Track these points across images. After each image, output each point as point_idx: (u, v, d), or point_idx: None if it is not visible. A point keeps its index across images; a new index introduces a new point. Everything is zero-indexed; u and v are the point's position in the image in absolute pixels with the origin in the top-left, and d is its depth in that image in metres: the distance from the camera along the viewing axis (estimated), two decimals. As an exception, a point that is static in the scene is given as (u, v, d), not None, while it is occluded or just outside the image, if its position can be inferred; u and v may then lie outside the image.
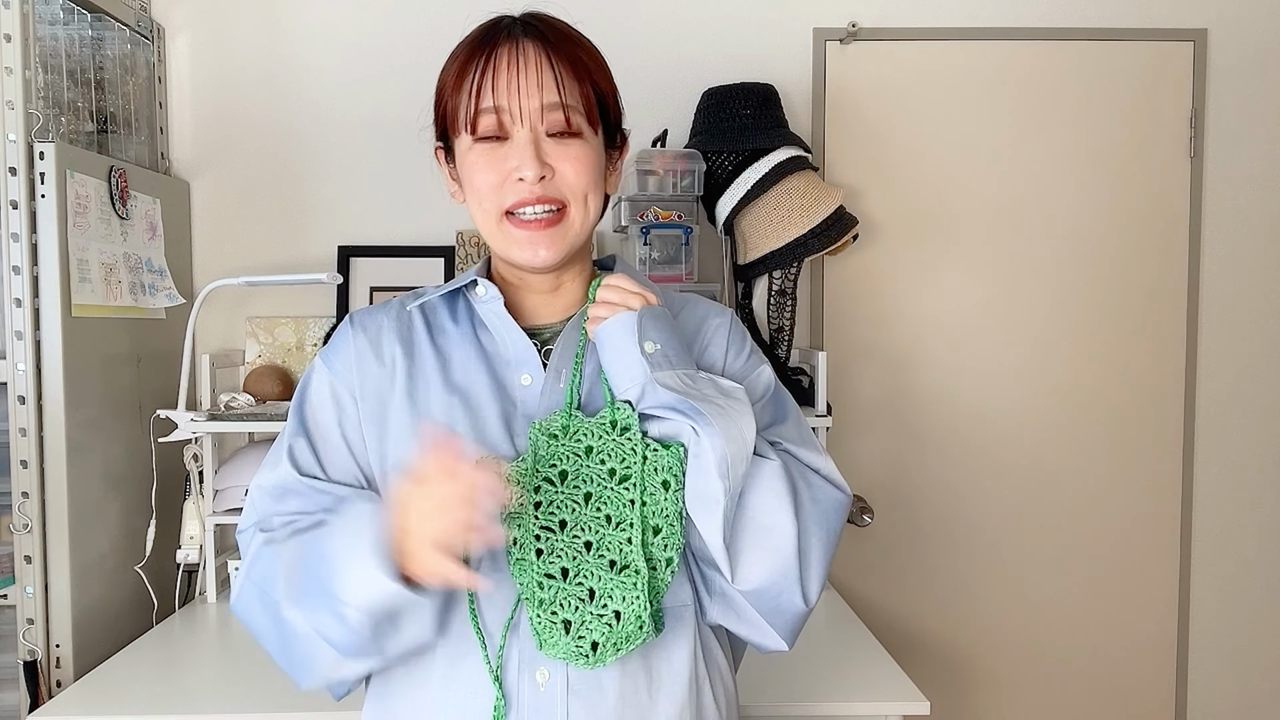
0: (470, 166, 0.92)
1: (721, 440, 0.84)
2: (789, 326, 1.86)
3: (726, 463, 0.84)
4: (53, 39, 1.62)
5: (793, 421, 1.00)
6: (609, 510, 0.88)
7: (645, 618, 0.84)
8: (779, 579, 0.89)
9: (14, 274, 1.49)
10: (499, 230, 0.92)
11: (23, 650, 1.52)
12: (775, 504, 0.89)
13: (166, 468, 1.81)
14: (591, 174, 0.92)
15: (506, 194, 0.90)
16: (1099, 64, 2.05)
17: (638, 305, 0.91)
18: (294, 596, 0.86)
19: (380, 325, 0.98)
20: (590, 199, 0.93)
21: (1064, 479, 2.10)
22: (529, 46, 0.89)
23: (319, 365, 0.99)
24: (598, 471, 0.88)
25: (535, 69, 0.89)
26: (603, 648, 0.84)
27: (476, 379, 0.94)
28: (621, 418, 0.90)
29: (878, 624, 2.06)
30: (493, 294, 0.96)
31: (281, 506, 0.94)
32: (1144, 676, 2.12)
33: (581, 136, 0.91)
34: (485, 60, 0.89)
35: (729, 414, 0.87)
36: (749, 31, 2.04)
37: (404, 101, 2.01)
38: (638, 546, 0.86)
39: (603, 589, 0.85)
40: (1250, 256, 2.09)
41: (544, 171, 0.89)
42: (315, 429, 0.96)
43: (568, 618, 0.84)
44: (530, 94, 0.88)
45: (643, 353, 0.88)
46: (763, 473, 0.89)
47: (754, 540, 0.88)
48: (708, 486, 0.86)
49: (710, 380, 0.92)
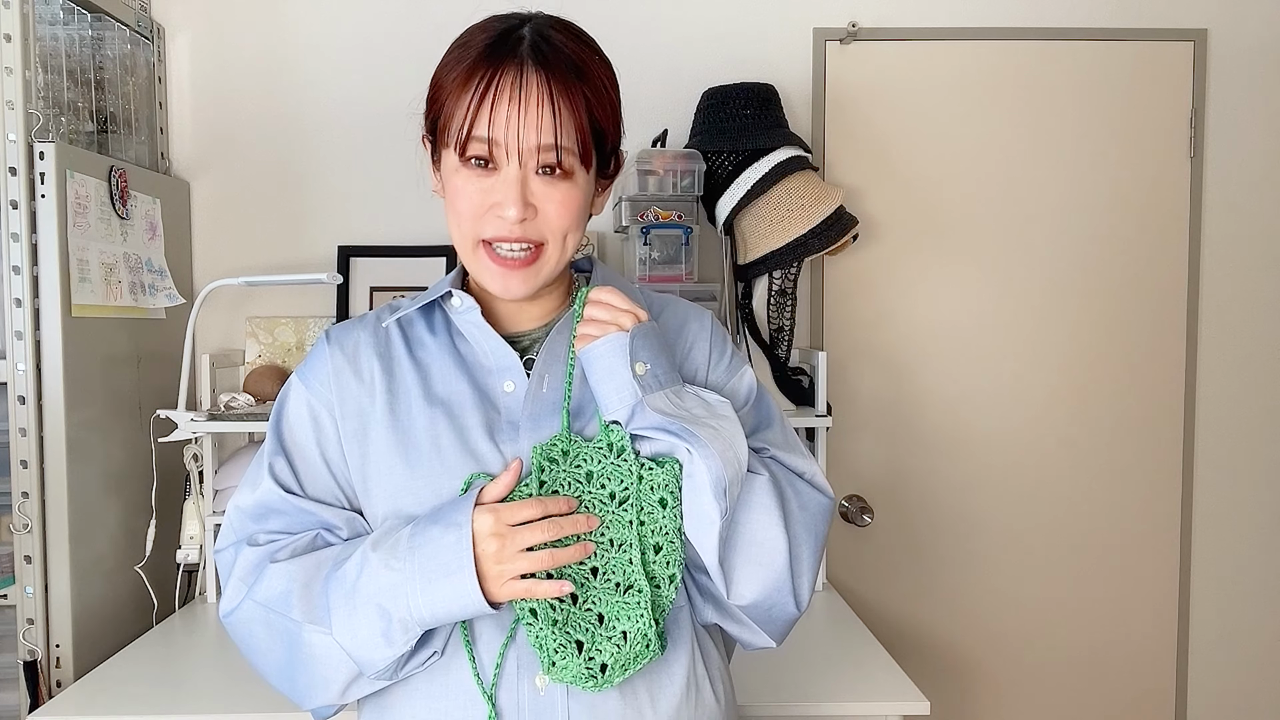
0: (455, 189, 0.90)
1: (719, 463, 0.84)
2: (789, 326, 1.86)
3: (723, 484, 0.84)
4: (53, 39, 1.62)
5: (777, 426, 1.00)
6: (611, 534, 0.88)
7: (651, 636, 0.85)
8: (772, 592, 0.90)
9: (14, 274, 1.49)
10: (474, 255, 0.91)
11: (23, 650, 1.52)
12: (766, 519, 0.89)
13: (166, 468, 1.81)
14: (575, 215, 0.90)
15: (486, 225, 0.89)
16: (1099, 64, 2.05)
17: (629, 324, 0.89)
18: (321, 618, 0.86)
19: (357, 341, 0.97)
20: (570, 238, 0.91)
21: (1064, 478, 2.10)
22: (533, 79, 0.85)
23: (295, 384, 0.98)
24: (599, 497, 0.89)
25: (535, 106, 0.85)
26: (611, 669, 0.84)
27: (458, 389, 0.93)
28: (616, 440, 0.90)
29: (878, 624, 2.06)
30: (469, 304, 0.94)
31: (264, 525, 0.94)
32: (1144, 676, 2.12)
33: (571, 178, 0.89)
34: (486, 85, 0.85)
35: (722, 435, 0.87)
36: (749, 31, 2.04)
37: (404, 101, 2.00)
38: (638, 566, 0.86)
39: (610, 612, 0.86)
40: (1250, 256, 2.09)
41: (526, 213, 0.87)
42: (293, 448, 0.95)
43: (581, 639, 0.84)
44: (526, 133, 0.85)
45: (634, 375, 0.87)
46: (753, 488, 0.89)
47: (747, 556, 0.89)
48: (704, 507, 0.86)
49: (696, 396, 0.92)
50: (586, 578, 0.87)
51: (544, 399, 0.92)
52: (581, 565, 0.87)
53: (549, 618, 0.84)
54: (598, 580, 0.87)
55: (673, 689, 0.90)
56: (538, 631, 0.84)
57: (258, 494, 0.95)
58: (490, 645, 0.88)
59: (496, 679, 0.87)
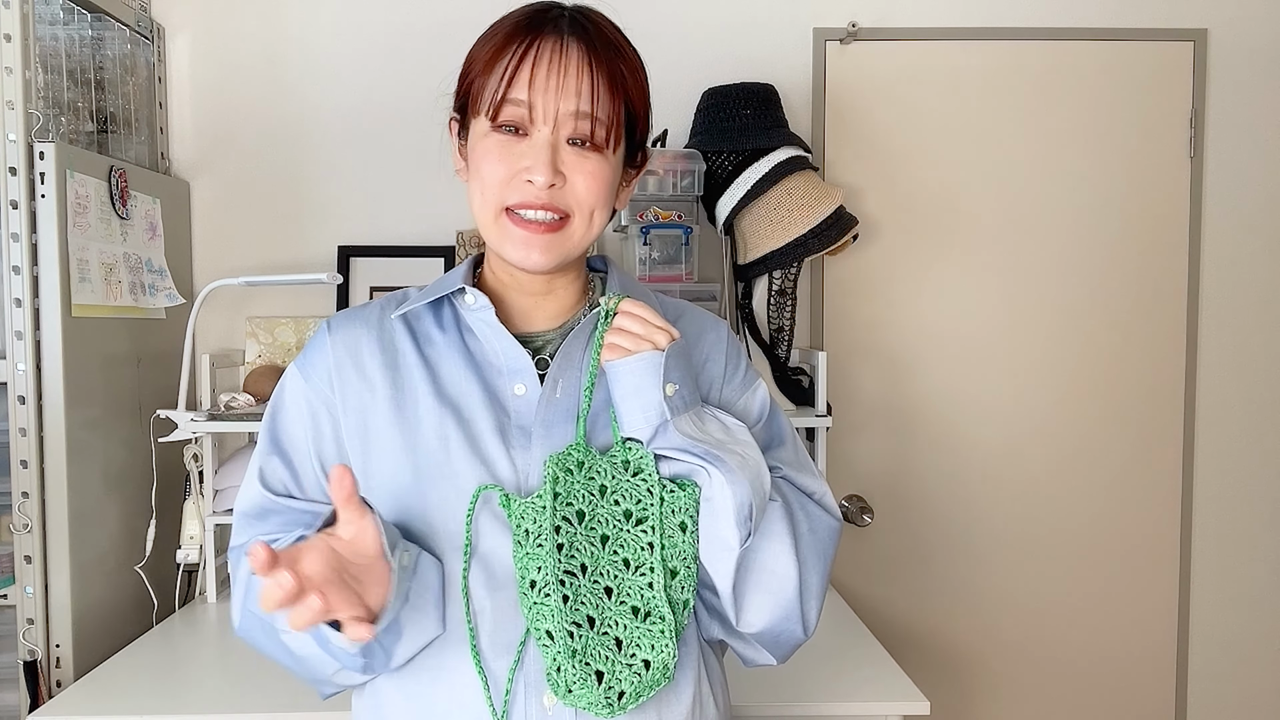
0: (482, 153, 0.88)
1: (747, 489, 0.83)
2: (789, 326, 1.86)
3: (746, 511, 0.83)
4: (53, 39, 1.62)
5: (790, 444, 0.99)
6: (626, 554, 0.85)
7: (672, 666, 0.82)
8: (781, 620, 0.89)
9: (14, 274, 1.49)
10: (496, 224, 0.88)
11: (23, 650, 1.52)
12: (779, 547, 0.88)
13: (166, 468, 1.81)
14: (603, 191, 0.88)
15: (512, 191, 0.86)
16: (1099, 64, 2.05)
17: (664, 343, 0.86)
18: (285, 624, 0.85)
19: (359, 335, 0.93)
20: (596, 214, 0.89)
21: (1064, 478, 2.10)
22: (573, 47, 0.85)
23: (294, 376, 0.94)
24: (613, 513, 0.86)
25: (575, 73, 0.84)
26: (628, 697, 0.81)
27: (468, 389, 0.90)
28: (635, 459, 0.87)
29: (878, 624, 2.06)
30: (483, 302, 0.91)
31: (264, 526, 0.92)
32: (1144, 677, 2.12)
33: (601, 151, 0.87)
34: (525, 48, 0.85)
35: (749, 463, 0.85)
36: (749, 31, 2.04)
37: (405, 101, 2.01)
38: (660, 591, 0.83)
39: (629, 638, 0.82)
40: (1250, 256, 2.09)
41: (555, 180, 0.85)
42: (289, 446, 0.93)
43: (600, 669, 0.81)
44: (564, 97, 0.84)
45: (664, 396, 0.85)
46: (769, 515, 0.88)
47: (758, 584, 0.88)
48: (722, 533, 0.84)
49: (716, 419, 0.90)
50: (601, 598, 0.83)
51: (558, 405, 0.89)
52: (595, 583, 0.83)
53: (568, 647, 0.80)
54: (612, 602, 0.83)
55: (680, 707, 0.89)
56: (554, 655, 0.81)
57: (250, 497, 0.93)
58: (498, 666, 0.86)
59: (507, 703, 0.85)
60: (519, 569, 0.84)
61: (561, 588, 0.82)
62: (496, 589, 0.86)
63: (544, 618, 0.82)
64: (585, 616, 0.82)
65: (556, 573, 0.82)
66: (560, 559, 0.82)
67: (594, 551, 0.84)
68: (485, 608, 0.86)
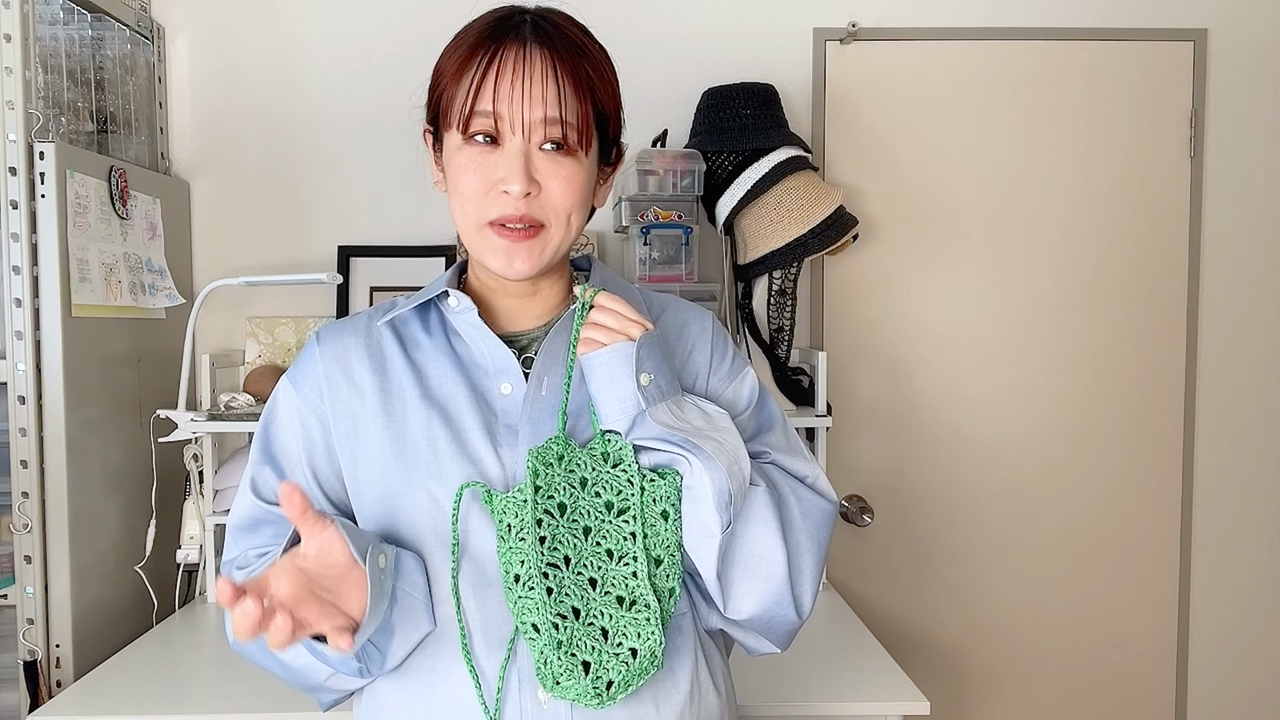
0: (457, 168, 0.88)
1: (724, 476, 0.84)
2: (789, 326, 1.86)
3: (726, 497, 0.84)
4: (53, 39, 1.62)
5: (779, 429, 0.99)
6: (609, 545, 0.85)
7: (660, 653, 0.83)
8: (771, 605, 0.89)
9: (14, 274, 1.49)
10: (478, 235, 0.89)
11: (23, 650, 1.52)
12: (764, 531, 0.88)
13: (166, 468, 1.81)
14: (578, 195, 0.88)
15: (490, 205, 0.87)
16: (1099, 64, 2.05)
17: (637, 334, 0.88)
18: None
19: (347, 345, 0.95)
20: (573, 218, 0.89)
21: (1064, 478, 2.10)
22: (536, 54, 0.85)
23: (286, 388, 0.96)
24: (594, 505, 0.86)
25: (540, 79, 0.85)
26: (617, 686, 0.82)
27: (454, 390, 0.91)
28: (614, 450, 0.88)
29: (878, 624, 2.06)
30: (466, 304, 0.92)
31: (256, 538, 0.93)
32: (1144, 677, 2.12)
33: (574, 154, 0.87)
34: (489, 60, 0.85)
35: (726, 449, 0.86)
36: (749, 31, 2.04)
37: (404, 101, 2.00)
38: (644, 580, 0.84)
39: (615, 627, 0.83)
40: (1250, 256, 2.09)
41: (530, 188, 0.86)
42: (282, 456, 0.94)
43: (587, 659, 0.82)
44: (531, 105, 0.84)
45: (638, 385, 0.86)
46: (751, 500, 0.88)
47: (745, 569, 0.88)
48: (704, 520, 0.85)
49: (696, 407, 0.91)
50: (585, 589, 0.84)
51: (543, 402, 0.91)
52: (579, 575, 0.84)
53: (553, 639, 0.81)
54: (597, 592, 0.84)
55: (677, 696, 0.89)
56: (541, 648, 0.82)
57: (243, 508, 0.94)
58: (490, 664, 0.86)
59: (500, 699, 0.85)
60: (502, 563, 0.85)
61: (545, 580, 0.83)
62: (486, 587, 0.87)
63: (529, 611, 0.83)
64: (570, 608, 0.83)
65: (539, 566, 0.83)
66: (543, 552, 0.83)
67: (577, 543, 0.85)
68: (476, 606, 0.87)
